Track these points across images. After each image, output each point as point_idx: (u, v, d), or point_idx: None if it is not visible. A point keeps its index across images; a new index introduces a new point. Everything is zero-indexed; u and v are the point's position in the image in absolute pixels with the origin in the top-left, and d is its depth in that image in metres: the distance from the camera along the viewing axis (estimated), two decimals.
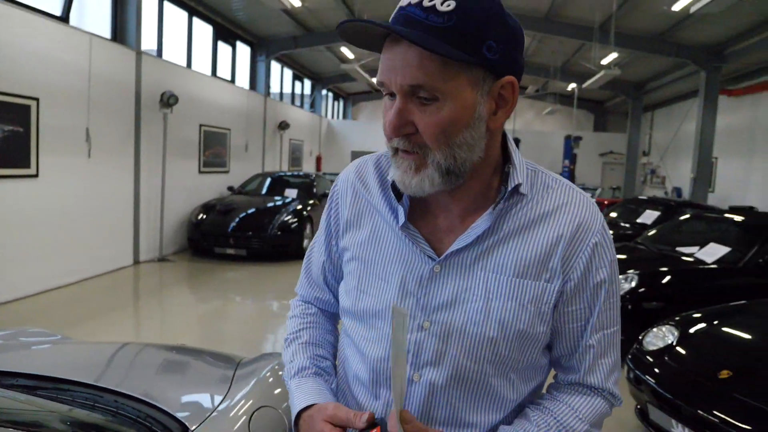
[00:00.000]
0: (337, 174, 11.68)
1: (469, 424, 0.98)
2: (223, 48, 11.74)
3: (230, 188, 10.60)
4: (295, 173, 12.09)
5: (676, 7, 9.39)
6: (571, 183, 1.01)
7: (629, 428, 3.70)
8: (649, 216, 8.64)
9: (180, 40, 10.05)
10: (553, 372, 1.09)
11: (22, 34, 5.90)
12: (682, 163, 16.22)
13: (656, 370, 3.31)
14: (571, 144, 18.72)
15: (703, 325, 3.58)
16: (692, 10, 7.76)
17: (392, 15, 0.87)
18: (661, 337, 3.59)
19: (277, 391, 1.87)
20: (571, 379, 1.03)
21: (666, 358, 3.36)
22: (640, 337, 3.70)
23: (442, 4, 0.82)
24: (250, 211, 9.20)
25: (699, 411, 2.91)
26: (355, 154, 18.92)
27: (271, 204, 9.53)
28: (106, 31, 7.84)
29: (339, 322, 1.18)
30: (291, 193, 10.21)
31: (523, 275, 0.93)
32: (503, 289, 0.93)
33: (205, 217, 8.93)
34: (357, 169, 1.09)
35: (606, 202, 11.80)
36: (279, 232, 8.78)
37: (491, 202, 0.95)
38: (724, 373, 3.04)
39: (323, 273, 1.17)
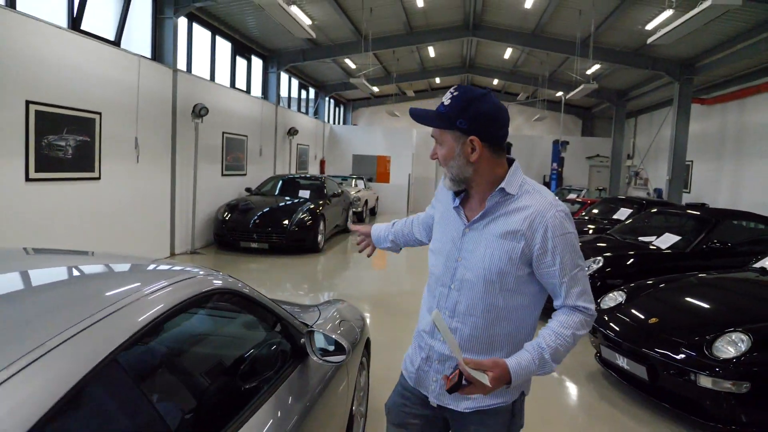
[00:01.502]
0: (341, 176, 12.83)
1: (485, 323, 1.67)
2: (240, 61, 12.85)
3: (248, 189, 11.68)
4: (307, 176, 13.21)
5: (650, 26, 10.60)
6: (545, 191, 1.68)
7: (592, 370, 4.82)
8: (623, 213, 9.82)
9: (205, 56, 11.16)
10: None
11: (86, 57, 7.01)
12: (662, 166, 17.43)
13: (607, 321, 4.45)
14: (558, 148, 19.90)
15: (644, 291, 4.73)
16: (656, 36, 8.88)
17: None
18: (613, 299, 4.74)
19: (345, 311, 3.12)
20: (558, 305, 1.66)
21: (615, 313, 4.51)
22: (598, 300, 4.85)
23: (446, 101, 1.63)
24: (266, 210, 10.27)
25: (633, 345, 4.07)
26: (357, 158, 20.02)
27: (285, 203, 10.63)
28: (147, 51, 8.94)
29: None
30: (304, 193, 11.32)
31: (503, 237, 1.63)
32: (492, 243, 1.64)
33: (229, 215, 10.02)
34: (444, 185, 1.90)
35: (589, 202, 12.95)
36: (296, 229, 9.88)
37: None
38: (653, 320, 4.20)
39: (422, 220, 2.10)
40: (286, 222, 9.91)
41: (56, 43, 6.47)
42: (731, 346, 3.55)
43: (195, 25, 10.54)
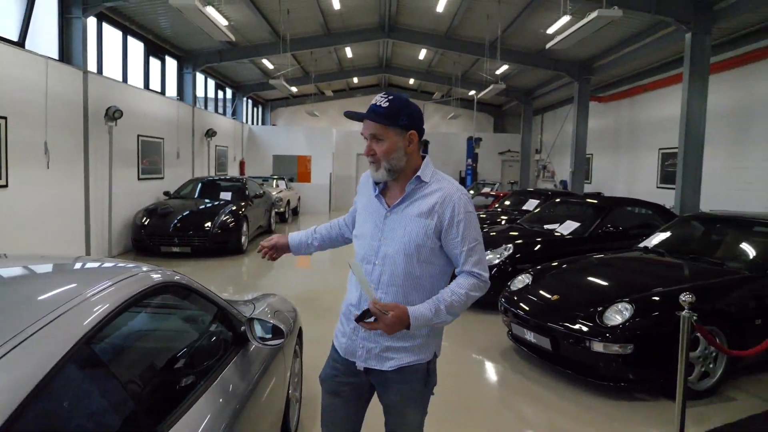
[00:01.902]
0: (260, 177, 12.82)
1: (404, 291, 1.96)
2: (153, 62, 12.55)
3: (166, 193, 11.46)
4: (227, 177, 13.11)
5: (550, 30, 11.43)
6: (451, 179, 2.03)
7: (505, 348, 5.30)
8: (531, 203, 10.56)
9: (116, 57, 10.83)
10: None
11: None
12: (566, 160, 18.72)
13: (517, 301, 4.93)
14: (472, 145, 20.82)
15: (548, 272, 5.25)
16: (554, 42, 9.64)
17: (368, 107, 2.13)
18: (521, 281, 5.24)
19: (277, 304, 3.32)
20: (458, 271, 1.99)
21: (523, 294, 5.00)
22: (508, 284, 5.33)
23: (383, 103, 1.92)
24: (186, 213, 10.14)
25: (538, 321, 4.56)
26: (277, 158, 19.95)
27: (205, 206, 10.55)
28: (54, 53, 8.61)
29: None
30: (226, 195, 11.26)
31: (420, 216, 1.94)
32: (411, 222, 1.95)
33: (148, 219, 9.82)
34: (367, 173, 2.14)
35: (502, 194, 13.75)
36: (219, 231, 9.85)
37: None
38: (555, 297, 4.72)
39: (350, 215, 2.32)
40: (209, 225, 9.86)
41: None
42: (618, 314, 4.09)
43: (105, 25, 10.22)
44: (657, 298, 4.24)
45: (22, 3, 7.89)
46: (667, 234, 5.82)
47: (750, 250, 5.13)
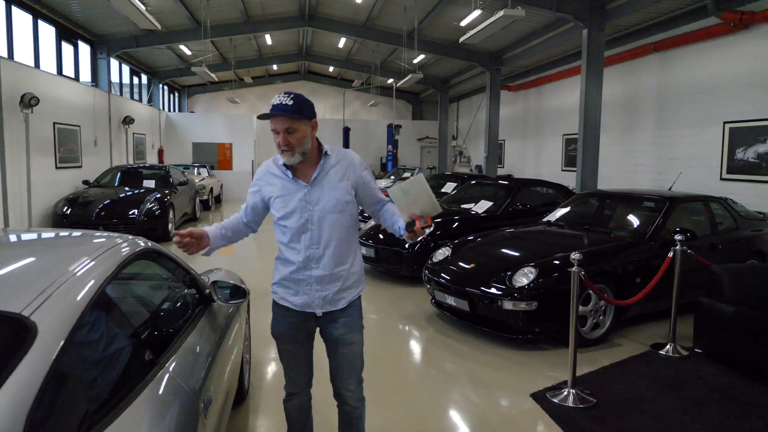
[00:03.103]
0: (182, 165, 12.74)
1: (339, 242, 2.46)
2: (66, 47, 12.10)
3: (86, 182, 11.17)
4: (149, 165, 12.92)
5: (463, 23, 12.15)
6: (341, 148, 2.56)
7: (429, 314, 5.90)
8: (449, 186, 11.27)
9: (27, 42, 10.41)
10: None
11: None
12: (480, 145, 19.80)
13: (438, 271, 5.52)
14: (392, 131, 21.47)
15: (465, 245, 5.89)
16: (466, 36, 10.35)
17: (272, 105, 2.32)
18: (442, 254, 5.84)
19: (226, 276, 3.68)
20: (380, 205, 2.61)
21: (443, 264, 5.60)
22: (430, 257, 5.93)
23: (288, 102, 2.30)
24: (107, 202, 10.02)
25: (458, 286, 5.17)
26: (197, 146, 19.65)
27: (127, 194, 10.45)
28: None
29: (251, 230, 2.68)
30: (149, 183, 11.17)
31: (341, 180, 2.43)
32: (335, 186, 2.41)
33: (69, 209, 9.62)
34: (266, 166, 2.53)
35: None
36: (146, 218, 9.82)
37: (319, 159, 2.44)
38: (472, 266, 5.35)
39: (251, 208, 2.58)
40: (134, 212, 9.81)
41: None
42: (524, 277, 4.77)
43: (14, 9, 9.80)
44: (557, 262, 4.96)
45: None
46: (567, 209, 6.65)
47: (633, 221, 6.03)
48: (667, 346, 4.78)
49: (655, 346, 4.89)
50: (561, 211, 6.62)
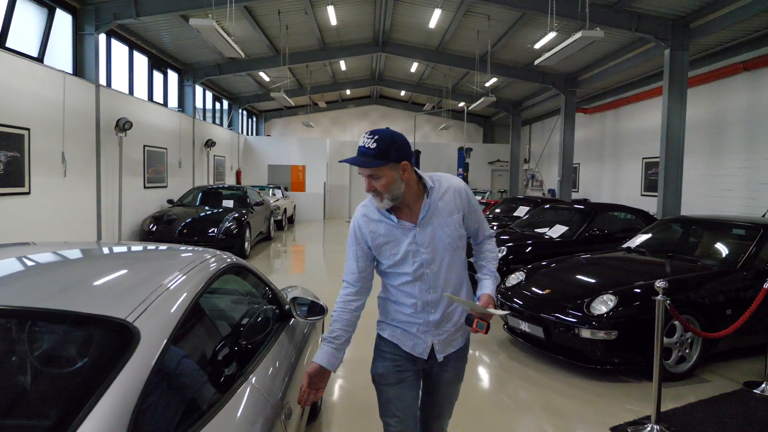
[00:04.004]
0: (258, 186, 13.26)
1: (456, 279, 2.27)
2: (157, 75, 12.98)
3: (170, 201, 11.85)
4: (228, 186, 13.53)
5: (537, 45, 12.03)
6: (446, 175, 2.30)
7: (501, 339, 5.77)
8: (522, 210, 11.09)
9: (123, 71, 11.26)
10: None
11: (13, 74, 7.13)
12: (554, 169, 19.33)
13: (511, 296, 5.41)
14: (463, 154, 21.38)
15: (539, 270, 5.75)
16: (542, 59, 10.22)
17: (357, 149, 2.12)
18: (516, 278, 5.72)
19: (303, 293, 3.77)
20: (480, 239, 2.38)
21: (517, 289, 5.48)
22: (504, 279, 5.82)
23: (371, 145, 2.06)
24: (189, 220, 10.54)
25: (532, 312, 5.04)
26: (272, 168, 20.39)
27: (208, 213, 10.96)
28: (68, 67, 9.02)
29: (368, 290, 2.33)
30: (228, 203, 11.68)
31: (449, 215, 2.20)
32: (444, 222, 2.20)
33: (155, 226, 10.21)
34: (363, 210, 2.27)
35: (493, 202, 14.31)
36: (224, 237, 10.26)
37: (421, 197, 2.20)
38: (547, 291, 5.21)
39: (356, 262, 2.28)
40: (213, 230, 10.27)
41: None
42: (603, 305, 4.58)
43: (113, 41, 10.66)
44: (638, 290, 4.74)
45: (41, 20, 8.31)
46: (649, 236, 6.35)
47: (722, 249, 5.67)
48: (763, 385, 4.43)
49: (748, 384, 4.55)
50: (642, 238, 6.33)
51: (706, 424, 3.83)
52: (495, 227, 10.17)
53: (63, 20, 8.93)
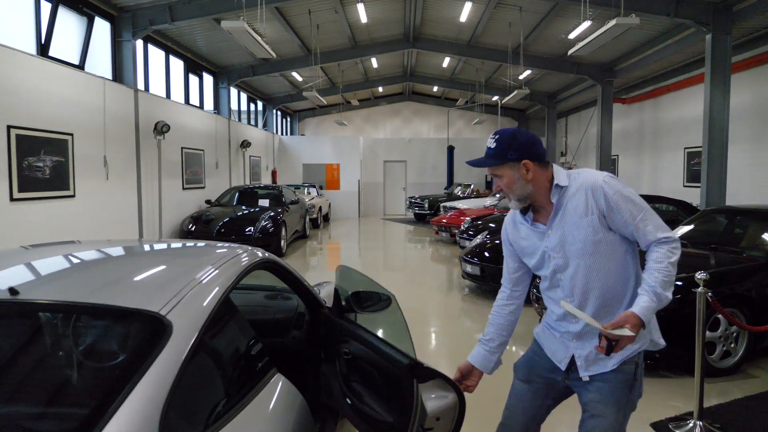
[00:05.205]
0: (293, 185, 13.41)
1: (604, 289, 2.01)
2: (192, 78, 13.28)
3: (208, 201, 12.12)
4: (263, 185, 13.74)
5: (572, 36, 11.79)
6: (587, 171, 2.05)
7: None
8: None
9: (159, 75, 11.56)
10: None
11: (57, 82, 7.41)
12: (591, 161, 18.93)
13: None
14: None
15: None
16: (575, 49, 10.00)
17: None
18: None
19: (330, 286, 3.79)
20: (644, 246, 1.99)
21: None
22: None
23: (491, 144, 2.04)
24: (227, 220, 10.76)
25: None
26: (307, 167, 20.61)
27: (244, 212, 11.16)
28: (107, 73, 9.31)
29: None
30: (264, 202, 11.87)
31: (580, 217, 1.97)
32: (574, 225, 1.99)
33: (194, 226, 10.46)
34: (511, 213, 2.24)
35: None
36: (261, 235, 10.42)
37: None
38: None
39: (507, 263, 2.28)
40: (250, 229, 10.44)
41: (29, 70, 6.86)
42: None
43: (150, 46, 10.94)
44: (679, 283, 4.58)
45: (81, 29, 8.59)
46: (691, 227, 6.16)
47: None
48: None
49: None
50: (684, 229, 6.14)
51: (753, 420, 3.70)
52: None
53: (102, 28, 9.21)
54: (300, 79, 17.78)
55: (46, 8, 7.69)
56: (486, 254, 7.39)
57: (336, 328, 2.35)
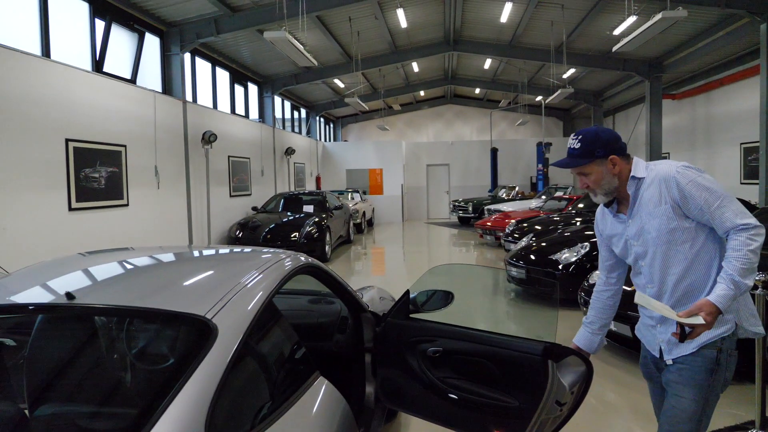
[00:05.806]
0: (337, 190, 13.57)
1: (682, 275, 2.06)
2: (238, 88, 13.62)
3: (254, 208, 12.37)
4: (307, 191, 13.95)
5: (617, 31, 11.50)
6: (664, 162, 2.10)
7: None
8: None
9: (206, 86, 11.91)
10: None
11: (110, 96, 7.74)
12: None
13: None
14: (542, 150, 20.79)
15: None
16: (620, 45, 9.74)
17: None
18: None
19: (379, 293, 3.80)
20: (722, 234, 2.01)
21: None
22: (587, 277, 5.60)
23: (575, 145, 2.13)
24: (272, 226, 10.96)
25: (619, 310, 4.80)
26: (350, 172, 20.80)
27: (289, 219, 11.35)
28: (157, 86, 9.66)
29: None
30: (308, 208, 12.04)
31: (655, 206, 2.06)
32: (650, 215, 2.08)
33: (241, 233, 10.70)
34: (600, 208, 2.34)
35: (575, 198, 13.79)
36: (305, 241, 10.57)
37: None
38: (633, 288, 4.95)
39: (601, 251, 2.43)
40: (295, 235, 10.61)
41: (85, 86, 7.20)
42: None
43: (197, 59, 11.30)
44: None
45: (133, 44, 8.96)
46: None
47: None
48: None
49: None
50: None
51: None
52: (578, 223, 9.80)
53: (152, 43, 9.57)
54: (342, 85, 17.97)
55: (100, 26, 8.05)
56: (532, 257, 7.27)
57: (410, 331, 2.39)
